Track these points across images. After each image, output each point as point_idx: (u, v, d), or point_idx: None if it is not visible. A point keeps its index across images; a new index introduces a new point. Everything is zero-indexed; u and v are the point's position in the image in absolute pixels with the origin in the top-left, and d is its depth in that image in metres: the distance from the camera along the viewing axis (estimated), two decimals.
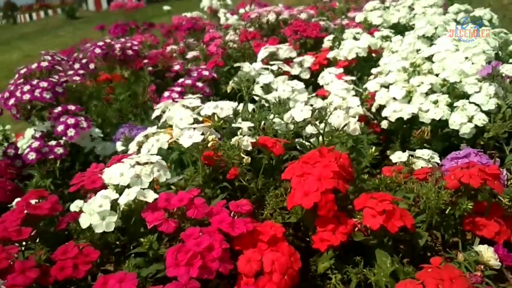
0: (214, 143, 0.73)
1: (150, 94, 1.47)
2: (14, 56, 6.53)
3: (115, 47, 1.33)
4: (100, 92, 1.46)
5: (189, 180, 0.74)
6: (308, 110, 0.86)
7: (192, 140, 0.71)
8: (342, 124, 0.85)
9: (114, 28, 2.01)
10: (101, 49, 1.30)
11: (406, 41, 1.30)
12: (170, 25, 2.14)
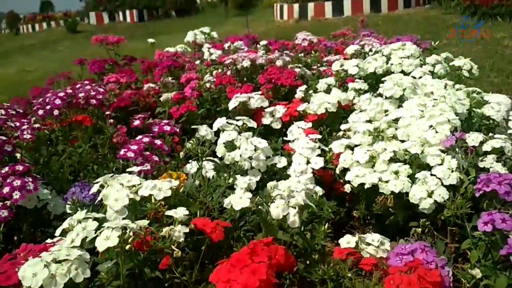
0: (137, 239, 0.70)
1: (120, 137, 1.44)
2: (10, 70, 6.53)
3: (79, 96, 1.31)
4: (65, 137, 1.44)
5: (107, 283, 0.70)
6: (247, 198, 0.82)
7: (107, 244, 0.67)
8: (280, 216, 0.81)
9: (91, 65, 1.98)
10: (61, 99, 1.27)
11: (374, 100, 1.27)
12: (150, 62, 2.12)
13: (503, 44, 4.17)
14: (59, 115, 1.35)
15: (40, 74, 6.02)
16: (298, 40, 1.95)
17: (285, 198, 0.82)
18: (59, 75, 2.25)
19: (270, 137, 1.53)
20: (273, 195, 0.84)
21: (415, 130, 1.10)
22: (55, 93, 1.29)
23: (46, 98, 1.29)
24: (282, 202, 0.81)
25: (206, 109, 1.77)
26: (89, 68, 2.01)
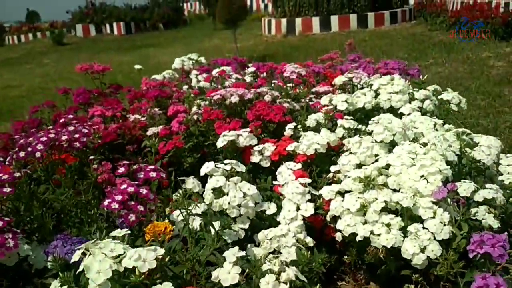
0: None
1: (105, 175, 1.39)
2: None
3: (61, 139, 1.27)
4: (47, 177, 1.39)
5: None
6: (236, 273, 0.79)
7: None
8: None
9: (76, 96, 1.94)
10: (44, 144, 1.23)
11: (364, 144, 1.26)
12: (136, 92, 2.09)
13: (489, 65, 4.21)
14: (41, 157, 1.31)
15: (24, 89, 5.94)
16: (287, 72, 1.93)
17: (276, 268, 0.79)
18: (43, 103, 2.19)
19: (258, 175, 1.51)
20: (262, 261, 0.81)
21: (407, 180, 1.09)
22: (37, 137, 1.24)
23: (27, 142, 1.25)
24: (272, 279, 0.78)
25: (193, 142, 1.74)
26: (73, 100, 1.96)
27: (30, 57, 9.57)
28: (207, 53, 7.90)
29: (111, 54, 8.93)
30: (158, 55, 8.13)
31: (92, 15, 11.92)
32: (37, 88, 5.91)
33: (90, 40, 11.62)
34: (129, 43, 10.54)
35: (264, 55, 6.45)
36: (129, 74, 6.39)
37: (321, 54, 6.23)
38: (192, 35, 11.00)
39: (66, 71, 7.22)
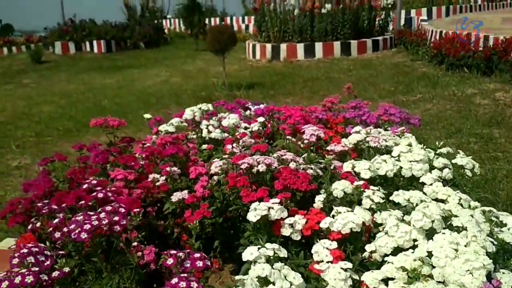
0: None
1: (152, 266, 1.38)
2: None
3: (102, 223, 1.25)
4: None
5: None
6: None
7: None
8: None
9: (95, 157, 1.91)
10: (87, 232, 1.21)
11: (402, 228, 1.29)
12: (152, 148, 2.07)
13: (475, 103, 4.38)
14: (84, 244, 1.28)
15: (8, 114, 5.78)
16: (306, 135, 1.96)
17: None
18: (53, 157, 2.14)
19: (289, 247, 1.53)
20: None
21: (452, 273, 1.12)
22: (80, 224, 1.21)
23: (70, 230, 1.22)
24: None
25: (216, 207, 1.75)
26: (92, 159, 1.93)
27: (8, 77, 9.32)
28: (192, 76, 7.93)
29: (92, 74, 8.81)
30: (142, 78, 8.07)
31: (71, 32, 11.75)
32: (21, 114, 5.76)
33: (70, 58, 11.43)
34: (110, 62, 10.43)
35: (252, 83, 6.50)
36: (114, 99, 6.33)
37: (308, 82, 6.39)
38: (175, 55, 10.98)
39: (49, 93, 7.08)
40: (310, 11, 8.62)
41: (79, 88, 7.40)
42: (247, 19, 16.81)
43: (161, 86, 7.06)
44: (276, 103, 5.38)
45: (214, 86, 6.50)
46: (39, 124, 5.16)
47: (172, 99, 5.92)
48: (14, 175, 3.67)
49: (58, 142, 4.49)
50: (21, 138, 4.67)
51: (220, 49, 5.97)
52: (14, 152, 4.25)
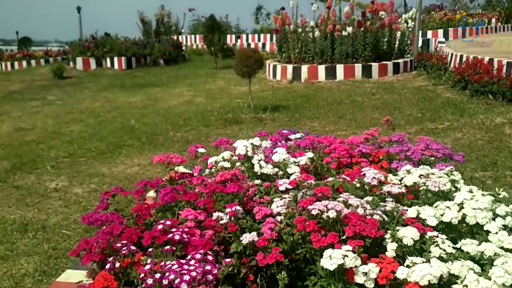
0: None
1: None
2: (4, 128, 6.35)
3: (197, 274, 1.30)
4: None
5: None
6: None
7: None
8: None
9: (163, 196, 1.97)
10: (187, 283, 1.26)
11: (483, 284, 1.33)
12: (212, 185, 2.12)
13: (506, 133, 4.40)
14: None
15: (39, 133, 5.90)
16: (367, 178, 2.01)
17: None
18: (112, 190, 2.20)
19: None
20: None
21: None
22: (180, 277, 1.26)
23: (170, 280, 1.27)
24: None
25: (283, 249, 1.80)
26: (160, 198, 1.98)
27: (32, 92, 9.51)
28: (215, 96, 8.03)
29: (116, 92, 8.96)
30: (165, 97, 8.19)
31: (93, 48, 11.97)
32: (52, 133, 5.88)
33: (91, 74, 11.63)
34: (132, 79, 10.60)
35: (276, 105, 6.58)
36: (141, 119, 6.43)
37: (333, 105, 6.44)
38: (194, 74, 11.13)
39: (76, 111, 7.22)
40: (331, 33, 8.73)
41: (104, 107, 7.53)
42: (263, 37, 17.02)
43: (186, 107, 7.16)
44: (302, 127, 5.47)
45: (239, 108, 6.59)
46: (71, 144, 5.26)
47: (200, 121, 6.00)
48: (53, 197, 3.75)
49: (92, 163, 4.58)
50: (55, 158, 4.77)
51: (247, 72, 6.07)
52: (50, 173, 4.35)
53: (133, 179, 4.04)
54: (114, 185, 3.91)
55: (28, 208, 3.53)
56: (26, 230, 3.13)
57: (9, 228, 3.18)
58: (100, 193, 3.74)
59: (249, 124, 5.75)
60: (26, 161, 4.71)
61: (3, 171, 4.42)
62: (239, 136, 5.26)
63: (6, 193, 3.86)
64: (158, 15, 21.69)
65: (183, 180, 2.28)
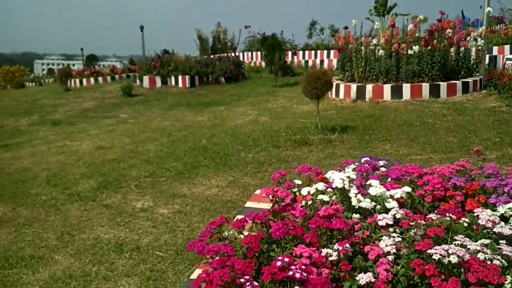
0: None
1: None
2: (85, 145, 6.77)
3: None
4: None
5: None
6: None
7: None
8: None
9: (276, 230, 2.04)
10: None
11: None
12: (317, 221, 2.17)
13: None
14: None
15: (118, 152, 6.23)
16: (482, 220, 2.00)
17: None
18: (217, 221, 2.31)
19: None
20: None
21: None
22: None
23: None
24: None
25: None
26: (273, 233, 2.06)
27: (105, 110, 10.07)
28: (279, 116, 8.13)
29: (183, 111, 9.31)
30: (231, 116, 8.40)
31: (159, 67, 12.52)
32: (130, 151, 6.20)
33: (157, 92, 12.15)
34: (196, 98, 10.97)
35: (343, 126, 6.57)
36: (211, 139, 6.63)
37: (403, 127, 6.34)
38: (255, 92, 11.33)
39: (149, 130, 7.57)
40: (396, 52, 8.62)
41: (174, 125, 7.84)
42: (320, 53, 17.03)
43: (252, 126, 7.31)
44: (374, 150, 5.43)
45: (306, 128, 6.64)
46: (150, 164, 5.52)
47: (269, 142, 6.11)
48: (141, 217, 3.95)
49: (172, 183, 4.78)
50: (137, 178, 5.02)
51: (315, 94, 6.13)
52: (135, 193, 4.58)
53: (213, 200, 4.19)
54: (196, 206, 4.08)
55: (119, 228, 3.74)
56: (122, 251, 3.31)
57: (105, 247, 3.39)
58: (185, 214, 3.91)
59: (318, 145, 5.78)
60: (111, 180, 5.00)
61: (91, 190, 4.71)
62: (309, 158, 5.32)
63: (97, 212, 4.11)
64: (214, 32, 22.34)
65: (286, 214, 2.34)
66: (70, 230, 3.72)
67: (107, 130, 7.78)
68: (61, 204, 4.35)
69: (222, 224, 2.33)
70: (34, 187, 4.91)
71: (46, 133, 8.08)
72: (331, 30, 20.31)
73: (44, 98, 13.42)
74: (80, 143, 6.93)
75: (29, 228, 3.82)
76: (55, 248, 3.42)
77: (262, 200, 3.79)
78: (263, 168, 5.04)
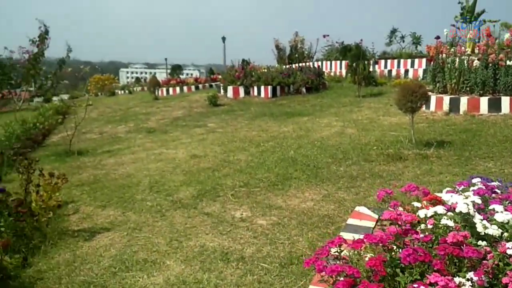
0: None
1: None
2: (180, 153, 7.12)
3: None
4: None
5: None
6: None
7: None
8: None
9: (406, 256, 2.03)
10: None
11: None
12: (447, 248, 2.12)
13: None
14: None
15: (211, 161, 6.48)
16: None
17: None
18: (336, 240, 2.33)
19: None
20: None
21: None
22: None
23: None
24: None
25: None
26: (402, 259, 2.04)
27: (193, 119, 10.54)
28: (367, 128, 7.98)
29: (267, 121, 9.47)
30: (315, 127, 8.40)
31: (242, 78, 12.87)
32: (222, 161, 6.42)
33: (240, 102, 12.49)
34: (279, 108, 11.11)
35: (438, 140, 6.30)
36: (298, 150, 6.67)
37: (506, 143, 5.95)
38: (337, 102, 11.23)
39: (237, 140, 7.79)
40: (493, 62, 8.13)
41: (261, 136, 8.01)
42: (403, 62, 16.46)
43: (339, 138, 7.26)
44: (476, 167, 5.15)
45: (397, 142, 6.46)
46: (243, 173, 5.68)
47: (360, 155, 6.03)
48: (241, 227, 4.07)
49: (266, 194, 4.88)
50: (232, 187, 5.19)
51: (410, 108, 5.96)
52: (232, 202, 4.74)
53: (310, 214, 4.22)
54: (293, 219, 4.14)
55: (222, 237, 3.90)
56: (228, 260, 3.44)
57: (212, 255, 3.54)
58: (283, 226, 3.98)
59: (413, 161, 5.60)
60: (208, 188, 5.22)
61: (191, 197, 4.95)
62: (405, 174, 5.17)
63: (200, 220, 4.31)
64: (292, 41, 22.50)
65: (411, 238, 2.31)
66: (178, 237, 3.93)
67: (199, 139, 8.12)
68: (166, 210, 4.61)
69: (341, 244, 2.36)
70: (139, 192, 5.26)
71: (143, 141, 8.62)
72: (413, 37, 19.53)
73: (136, 106, 14.33)
74: (176, 151, 7.30)
75: (139, 233, 4.09)
76: (166, 253, 3.63)
77: (364, 217, 3.77)
78: (356, 183, 4.98)
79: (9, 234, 3.77)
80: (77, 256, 3.68)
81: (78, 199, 5.20)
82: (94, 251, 3.76)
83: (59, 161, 7.41)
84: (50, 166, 6.61)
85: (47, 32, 18.99)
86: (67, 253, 3.76)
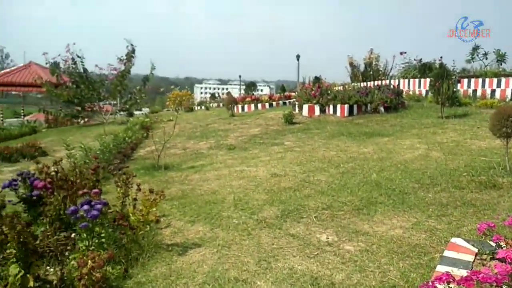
0: None
1: None
2: (260, 172, 7.26)
3: None
4: None
5: None
6: None
7: None
8: None
9: None
10: None
11: None
12: None
13: None
14: None
15: (291, 180, 6.52)
16: None
17: None
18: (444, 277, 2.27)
19: None
20: None
21: None
22: None
23: None
24: None
25: None
26: None
27: (270, 137, 10.68)
28: (454, 152, 7.59)
29: (345, 141, 9.37)
30: (397, 149, 8.17)
31: (318, 96, 12.88)
32: (303, 181, 6.46)
33: (315, 120, 12.48)
34: (356, 127, 10.96)
35: None
36: (381, 173, 6.52)
37: None
38: (419, 123, 10.85)
39: (316, 160, 7.79)
40: None
41: (340, 156, 7.94)
42: (488, 81, 15.53)
43: (424, 162, 7.00)
44: None
45: (490, 168, 6.11)
46: (325, 195, 5.67)
47: (449, 182, 5.77)
48: (328, 251, 4.06)
49: (350, 218, 4.83)
50: (315, 209, 5.20)
51: (505, 133, 5.62)
52: (316, 224, 4.75)
53: (399, 242, 4.11)
54: (382, 246, 4.05)
55: (310, 260, 3.91)
56: (318, 285, 3.45)
57: (301, 279, 3.56)
58: (372, 253, 3.91)
59: (509, 190, 5.27)
60: (291, 208, 5.27)
61: (275, 217, 5.03)
62: (501, 204, 4.88)
63: (286, 241, 4.37)
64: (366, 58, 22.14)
65: None
66: (266, 257, 4.01)
67: (277, 157, 8.23)
68: (252, 229, 4.73)
69: (450, 282, 2.30)
70: (225, 209, 5.44)
71: (224, 157, 8.91)
72: (497, 55, 18.34)
73: (214, 123, 14.84)
74: (256, 169, 7.45)
75: (228, 250, 4.23)
76: (255, 273, 3.72)
77: (461, 250, 3.61)
78: (447, 211, 4.78)
79: (111, 246, 4.05)
80: (172, 270, 3.88)
81: (169, 213, 5.50)
82: (188, 266, 3.95)
83: (148, 175, 7.86)
84: (141, 179, 7.03)
85: (134, 51, 20.41)
86: (163, 266, 3.98)
